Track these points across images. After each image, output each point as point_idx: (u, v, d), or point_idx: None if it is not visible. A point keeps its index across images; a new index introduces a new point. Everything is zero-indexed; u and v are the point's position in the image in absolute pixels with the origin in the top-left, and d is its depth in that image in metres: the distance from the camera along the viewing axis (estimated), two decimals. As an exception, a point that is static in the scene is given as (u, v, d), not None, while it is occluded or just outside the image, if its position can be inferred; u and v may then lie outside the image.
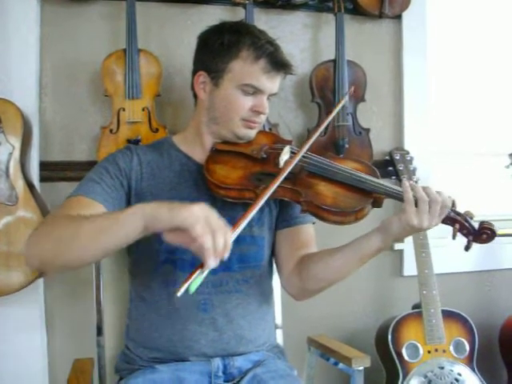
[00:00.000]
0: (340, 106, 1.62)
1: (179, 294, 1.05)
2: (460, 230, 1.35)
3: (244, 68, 1.46)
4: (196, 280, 1.07)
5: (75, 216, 1.24)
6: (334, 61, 2.15)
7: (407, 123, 2.39)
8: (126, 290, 1.65)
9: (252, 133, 1.53)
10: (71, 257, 1.20)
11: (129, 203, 1.47)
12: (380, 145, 2.33)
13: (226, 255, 1.10)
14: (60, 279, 1.99)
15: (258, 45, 1.45)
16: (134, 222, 1.13)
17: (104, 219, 1.19)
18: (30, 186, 1.85)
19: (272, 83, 1.49)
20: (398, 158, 2.24)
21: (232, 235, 1.14)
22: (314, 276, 1.48)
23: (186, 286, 1.06)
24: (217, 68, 1.48)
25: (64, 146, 2.02)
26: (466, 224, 1.34)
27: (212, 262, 1.07)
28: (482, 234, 1.34)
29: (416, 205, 1.30)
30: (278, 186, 1.36)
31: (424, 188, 1.33)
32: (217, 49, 1.48)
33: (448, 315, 2.13)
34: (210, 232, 1.07)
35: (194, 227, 1.07)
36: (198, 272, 1.08)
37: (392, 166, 2.25)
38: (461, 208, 1.39)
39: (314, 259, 1.49)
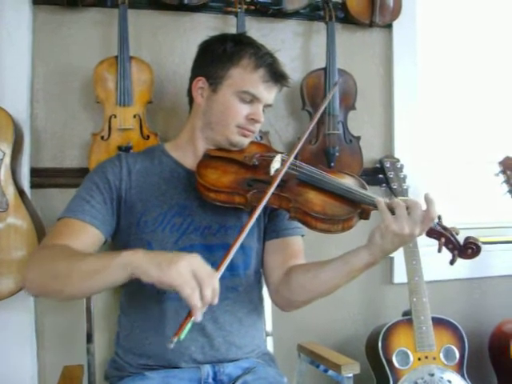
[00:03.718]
0: (329, 98, 1.65)
1: (172, 345, 1.11)
2: (445, 245, 1.36)
3: (243, 75, 1.49)
4: (186, 328, 1.12)
5: (69, 252, 1.31)
6: (325, 69, 2.16)
7: (397, 131, 2.40)
8: (116, 297, 1.66)
9: (245, 141, 1.55)
10: (65, 294, 1.29)
11: (120, 213, 1.50)
12: (370, 153, 2.34)
13: (216, 300, 1.15)
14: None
15: (258, 55, 1.50)
16: (121, 272, 1.18)
17: (95, 263, 1.23)
18: (20, 192, 1.84)
19: (269, 93, 1.52)
20: (388, 165, 2.25)
21: (219, 275, 1.19)
22: (303, 287, 1.49)
23: (178, 337, 1.11)
24: (216, 74, 1.51)
25: (55, 152, 2.02)
26: (452, 238, 1.35)
27: (200, 316, 1.13)
28: (467, 249, 1.35)
29: (393, 213, 1.31)
30: None
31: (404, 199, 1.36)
32: (218, 56, 1.51)
33: (438, 322, 2.13)
34: (197, 288, 1.12)
35: (183, 289, 1.11)
36: (188, 321, 1.12)
37: (382, 173, 2.26)
38: (449, 218, 1.40)
39: (303, 270, 1.50)
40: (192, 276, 1.12)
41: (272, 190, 1.36)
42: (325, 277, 1.45)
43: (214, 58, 1.52)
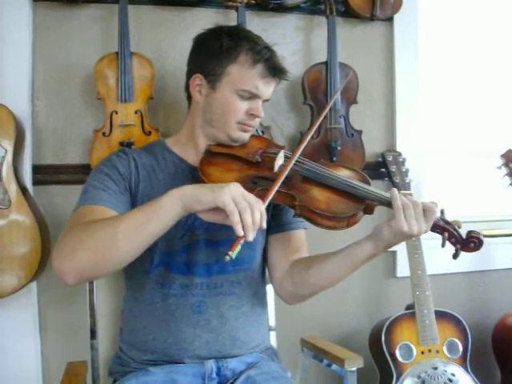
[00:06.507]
0: (333, 100, 1.63)
1: (228, 258, 1.14)
2: (448, 239, 1.37)
3: (241, 72, 1.47)
4: (238, 247, 1.16)
5: (102, 220, 1.24)
6: (326, 63, 2.16)
7: (399, 125, 2.39)
8: (120, 293, 1.66)
9: (246, 136, 1.54)
10: (112, 259, 1.21)
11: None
12: (372, 146, 2.34)
13: (265, 224, 1.19)
14: (53, 283, 1.98)
15: (256, 50, 1.47)
16: (173, 209, 1.20)
17: (139, 212, 1.22)
18: (22, 189, 1.84)
19: (267, 88, 1.52)
20: (390, 159, 2.25)
21: (265, 204, 1.24)
22: (306, 281, 1.49)
23: (232, 252, 1.14)
24: (214, 71, 1.49)
25: (57, 149, 2.02)
26: (455, 233, 1.36)
27: (252, 236, 1.16)
28: (470, 242, 1.37)
29: (404, 214, 1.32)
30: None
31: (405, 195, 1.36)
32: (215, 52, 1.49)
33: (441, 316, 2.13)
34: (248, 210, 1.15)
35: (235, 209, 1.15)
36: (239, 241, 1.16)
37: (384, 167, 2.26)
38: (452, 211, 1.40)
39: (307, 264, 1.50)
40: (243, 199, 1.17)
41: (276, 187, 1.35)
42: (328, 270, 1.45)
43: (211, 55, 1.50)
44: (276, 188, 1.34)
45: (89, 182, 1.43)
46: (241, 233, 1.14)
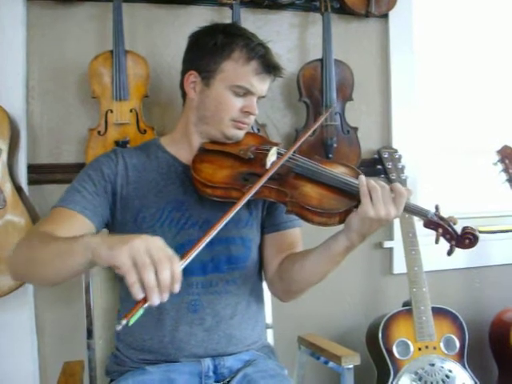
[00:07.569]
0: (322, 118, 1.63)
1: (120, 327, 0.98)
2: (443, 235, 1.36)
3: (236, 69, 1.46)
4: (138, 313, 1.00)
5: (44, 237, 1.27)
6: (321, 60, 2.16)
7: (395, 121, 2.40)
8: (116, 292, 1.65)
9: (240, 133, 1.53)
10: (39, 275, 1.27)
11: (115, 207, 1.48)
12: (368, 143, 2.34)
13: (177, 287, 1.03)
14: (49, 282, 1.98)
15: (250, 46, 1.46)
16: (81, 257, 1.12)
17: (60, 245, 1.19)
18: (17, 189, 1.84)
19: (262, 85, 1.50)
20: (386, 156, 2.25)
21: (184, 262, 1.07)
22: (292, 278, 1.49)
23: (126, 321, 0.98)
24: (208, 68, 1.48)
25: (52, 148, 2.02)
26: (449, 229, 1.35)
27: (156, 300, 1.00)
28: (465, 239, 1.35)
29: (371, 197, 1.31)
30: (264, 186, 1.37)
31: (375, 181, 1.35)
32: (209, 49, 1.48)
33: (438, 312, 2.14)
34: (150, 268, 0.99)
35: (132, 268, 1.00)
36: (141, 305, 1.00)
37: (381, 164, 2.26)
38: (448, 208, 1.40)
39: (292, 261, 1.50)
40: (146, 255, 1.00)
41: (263, 181, 1.35)
42: (310, 265, 1.45)
43: (205, 52, 1.49)
44: (262, 182, 1.34)
45: (72, 182, 1.47)
46: (138, 296, 0.99)
